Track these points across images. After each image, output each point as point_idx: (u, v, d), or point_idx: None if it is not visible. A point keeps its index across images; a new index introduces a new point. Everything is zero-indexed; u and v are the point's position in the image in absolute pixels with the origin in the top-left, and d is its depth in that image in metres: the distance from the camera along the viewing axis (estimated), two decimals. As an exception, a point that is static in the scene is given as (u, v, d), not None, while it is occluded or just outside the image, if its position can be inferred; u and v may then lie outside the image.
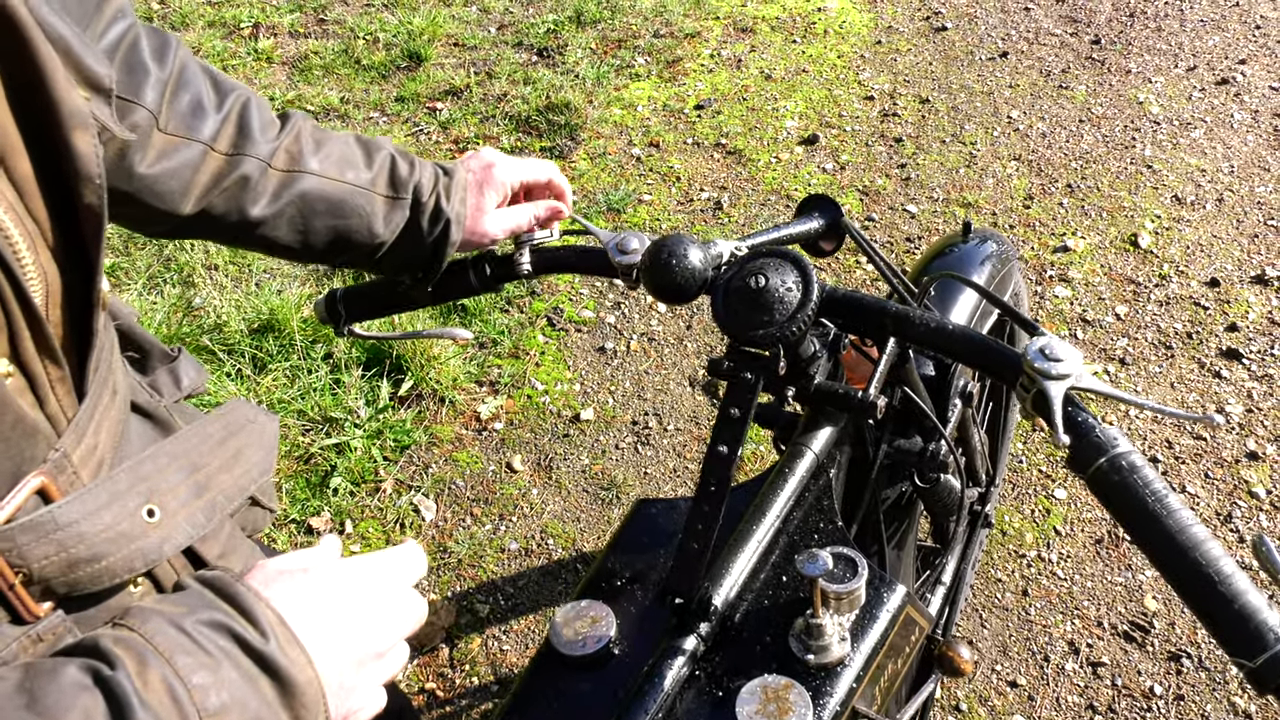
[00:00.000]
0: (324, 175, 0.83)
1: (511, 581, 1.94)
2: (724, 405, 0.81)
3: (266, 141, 0.80)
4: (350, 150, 0.86)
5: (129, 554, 0.54)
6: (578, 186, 2.99)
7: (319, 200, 0.82)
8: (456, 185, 0.90)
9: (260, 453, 0.67)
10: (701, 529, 0.80)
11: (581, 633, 0.83)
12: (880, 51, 3.58)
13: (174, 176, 0.73)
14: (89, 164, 0.51)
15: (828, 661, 0.77)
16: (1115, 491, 0.64)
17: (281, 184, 0.81)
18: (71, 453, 0.53)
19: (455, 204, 0.89)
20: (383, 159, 0.87)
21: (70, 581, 0.52)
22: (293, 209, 0.81)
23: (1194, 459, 2.08)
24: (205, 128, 0.75)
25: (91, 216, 0.52)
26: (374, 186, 0.86)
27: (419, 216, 0.88)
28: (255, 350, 2.34)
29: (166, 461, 0.59)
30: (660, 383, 2.35)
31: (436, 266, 0.92)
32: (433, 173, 0.90)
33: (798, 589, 0.83)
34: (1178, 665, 1.74)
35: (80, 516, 0.52)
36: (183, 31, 3.86)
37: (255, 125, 0.79)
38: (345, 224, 0.85)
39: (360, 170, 0.85)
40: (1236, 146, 2.97)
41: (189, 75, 0.76)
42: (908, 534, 1.24)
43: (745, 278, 0.80)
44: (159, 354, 0.73)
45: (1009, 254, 1.42)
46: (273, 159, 0.80)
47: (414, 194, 0.88)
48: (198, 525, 0.59)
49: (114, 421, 0.58)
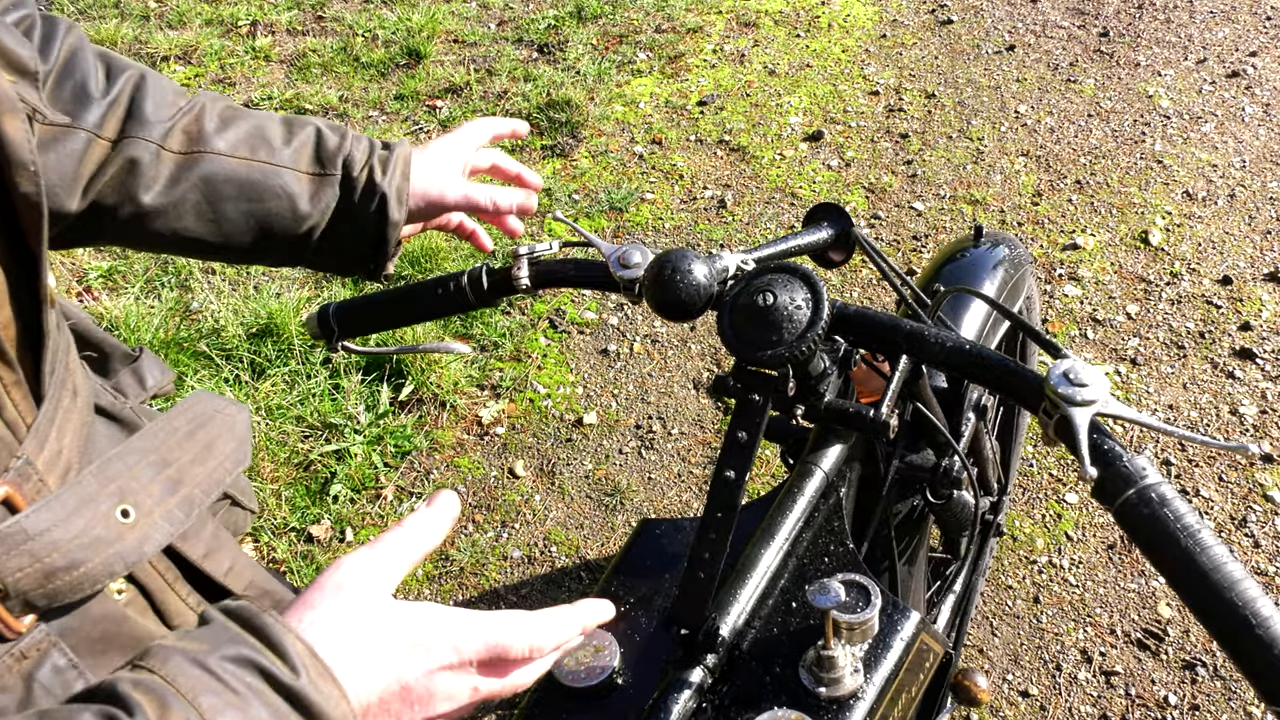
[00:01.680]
0: (231, 155, 0.75)
1: (514, 590, 1.91)
2: (731, 428, 0.78)
3: (160, 123, 0.72)
4: (266, 127, 0.78)
5: (108, 558, 0.51)
6: (579, 185, 2.95)
7: (226, 183, 0.74)
8: (396, 158, 0.81)
9: (232, 443, 0.64)
10: (709, 557, 0.77)
11: (584, 662, 0.80)
12: (885, 46, 3.53)
13: (55, 169, 0.67)
14: (22, 150, 0.47)
15: (840, 694, 0.74)
16: (1145, 525, 0.60)
17: (179, 167, 0.73)
18: (35, 459, 0.50)
19: (394, 176, 0.80)
20: (306, 134, 0.79)
21: (49, 592, 0.49)
22: (196, 194, 0.73)
23: (1208, 462, 2.04)
24: (89, 115, 0.69)
25: (29, 207, 0.49)
26: (295, 163, 0.77)
27: (351, 194, 0.79)
28: (253, 355, 2.31)
29: (135, 459, 0.56)
30: (664, 386, 2.31)
31: (384, 251, 0.83)
32: (368, 145, 0.81)
33: (808, 616, 0.80)
34: (1192, 674, 1.70)
35: (51, 524, 0.49)
36: (180, 30, 3.83)
37: (148, 106, 0.72)
38: (262, 207, 0.76)
39: (277, 148, 0.77)
40: (1248, 141, 2.92)
41: (76, 61, 0.70)
42: (919, 549, 1.20)
43: (752, 294, 0.77)
44: (120, 355, 0.70)
45: (1022, 258, 1.38)
46: (166, 140, 0.72)
47: (344, 168, 0.79)
48: (176, 522, 0.56)
49: (77, 424, 0.55)
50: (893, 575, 1.12)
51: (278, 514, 2.02)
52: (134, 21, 3.87)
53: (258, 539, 1.99)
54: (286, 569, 1.94)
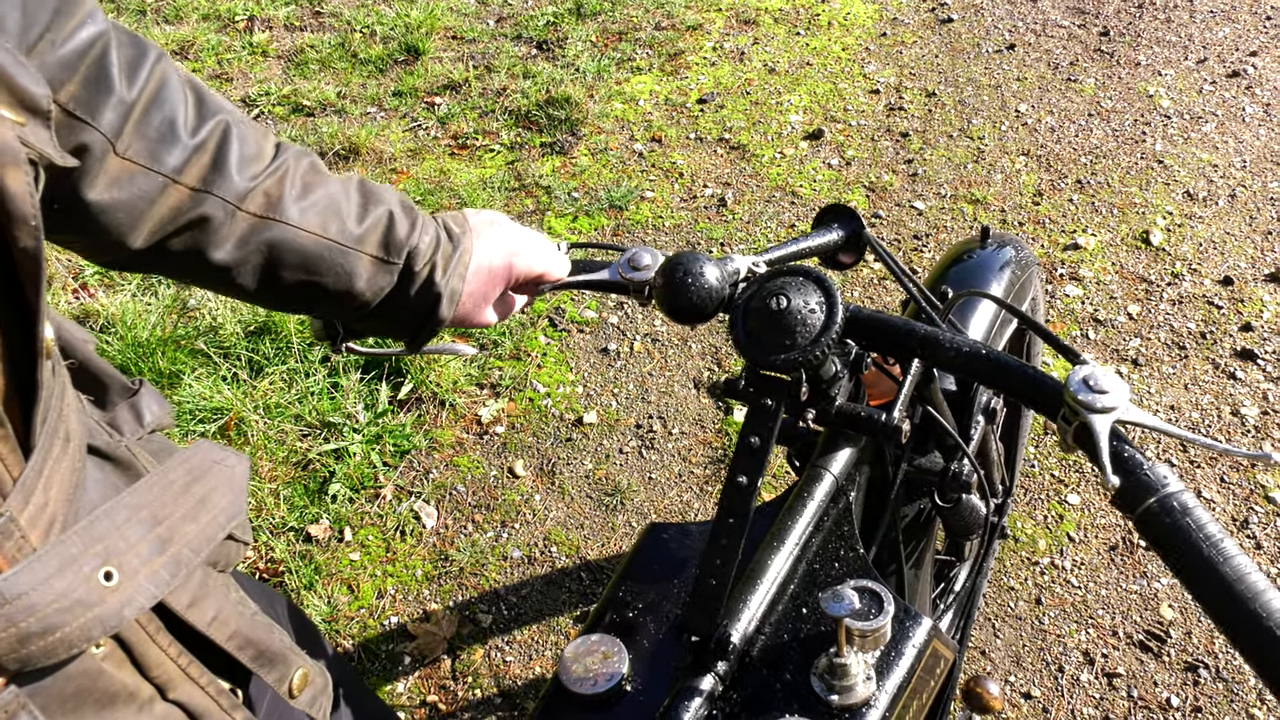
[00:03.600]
0: (301, 227, 0.73)
1: (514, 590, 1.91)
2: (743, 433, 0.77)
3: (244, 179, 0.70)
4: (343, 199, 0.77)
5: (86, 623, 0.49)
6: (579, 183, 2.94)
7: (290, 252, 0.73)
8: (459, 258, 0.81)
9: (228, 496, 0.62)
10: (720, 564, 0.76)
11: (592, 669, 0.79)
12: (885, 44, 3.52)
13: (124, 208, 0.65)
14: (22, 205, 0.45)
15: (852, 702, 0.73)
16: (1166, 534, 0.60)
17: (251, 230, 0.71)
18: (19, 515, 0.48)
19: (452, 279, 0.80)
20: (379, 214, 0.78)
21: (22, 658, 0.47)
22: (259, 258, 0.72)
23: (1209, 463, 2.04)
24: (171, 157, 0.67)
25: (27, 260, 0.47)
26: (362, 245, 0.76)
27: (408, 285, 0.79)
28: (251, 353, 2.30)
29: (125, 516, 0.54)
30: (664, 385, 2.30)
31: (419, 341, 0.84)
32: (434, 237, 0.80)
33: (819, 623, 0.79)
34: (1195, 676, 1.70)
35: (30, 587, 0.47)
36: (176, 25, 3.80)
37: (233, 159, 0.70)
38: (318, 280, 0.76)
39: (348, 224, 0.76)
40: (1249, 141, 2.92)
41: (166, 94, 0.67)
42: (925, 552, 1.20)
43: (765, 298, 0.76)
44: (119, 387, 0.67)
45: (1028, 260, 1.38)
46: (245, 201, 0.71)
47: (407, 259, 0.78)
48: (161, 584, 0.54)
49: (66, 473, 0.53)
50: (900, 578, 1.11)
51: (276, 513, 2.01)
52: (130, 16, 3.85)
53: (256, 539, 1.98)
54: (285, 569, 1.92)
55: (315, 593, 1.89)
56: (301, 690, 0.70)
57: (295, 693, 0.69)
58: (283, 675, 0.68)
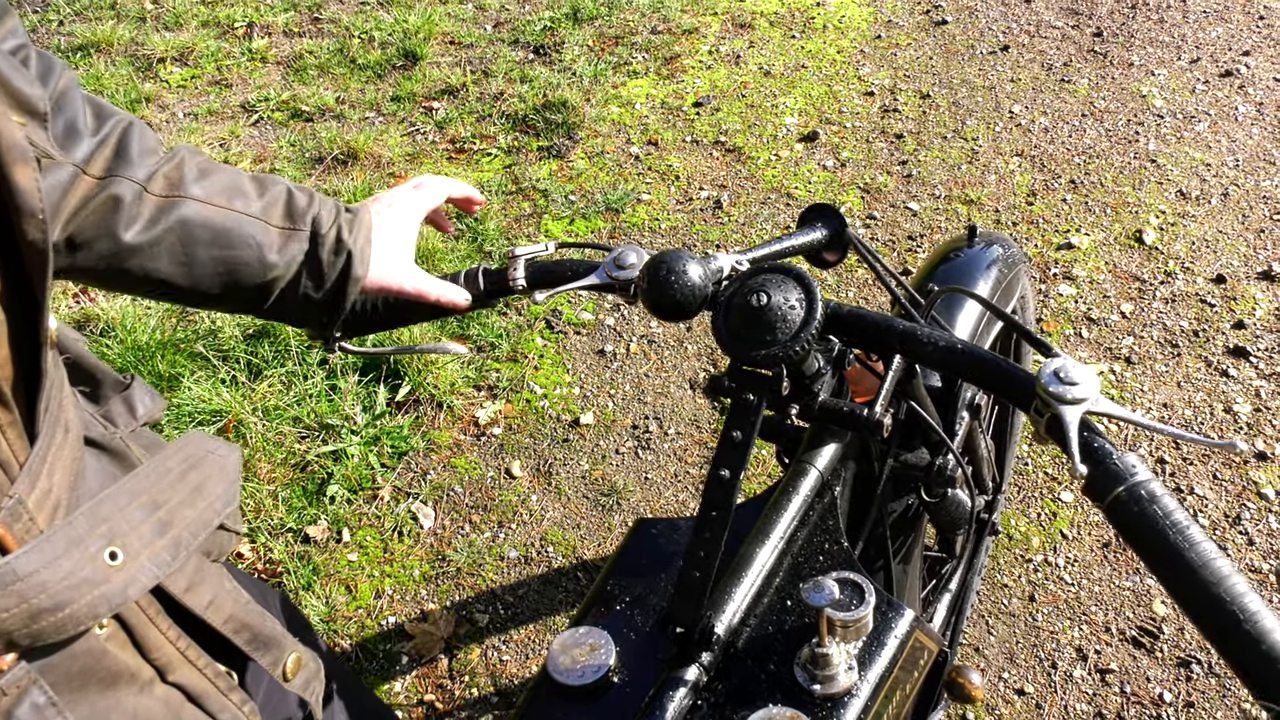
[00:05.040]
0: (208, 202, 0.78)
1: (511, 590, 1.92)
2: (726, 428, 0.79)
3: (144, 166, 0.75)
4: (239, 181, 0.81)
5: (92, 600, 0.52)
6: (575, 186, 2.96)
7: (201, 228, 0.77)
8: (360, 222, 0.86)
9: (222, 485, 0.65)
10: (704, 556, 0.77)
11: (580, 661, 0.80)
12: (880, 46, 3.54)
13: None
14: (31, 199, 0.48)
15: (834, 691, 0.74)
16: (1134, 522, 0.61)
17: (159, 209, 0.75)
18: (26, 498, 0.51)
19: (359, 238, 0.84)
20: (277, 191, 0.83)
21: (33, 633, 0.49)
22: (172, 236, 0.76)
23: (1202, 460, 2.05)
24: (78, 150, 0.71)
25: (35, 253, 0.50)
26: (266, 216, 0.81)
27: (318, 248, 0.83)
28: (250, 356, 2.31)
29: (126, 500, 0.56)
30: (660, 386, 2.32)
31: (340, 307, 0.87)
32: (334, 206, 0.86)
33: (802, 615, 0.80)
34: (1187, 671, 1.71)
35: (40, 565, 0.50)
36: (176, 31, 3.83)
37: (134, 150, 0.74)
38: (233, 254, 0.79)
39: (250, 199, 0.80)
40: (1241, 140, 2.93)
41: (67, 100, 0.72)
42: (914, 547, 1.21)
43: (746, 295, 0.78)
44: (111, 383, 0.70)
45: (1016, 258, 1.39)
46: (149, 183, 0.75)
47: (313, 225, 0.83)
48: (162, 564, 0.57)
49: (68, 461, 0.56)
50: (888, 574, 1.12)
51: (274, 514, 2.02)
52: (130, 23, 3.87)
53: (254, 540, 1.99)
54: (283, 569, 1.94)
55: (313, 593, 1.90)
56: (295, 674, 0.72)
57: (289, 676, 0.71)
58: (276, 659, 0.70)
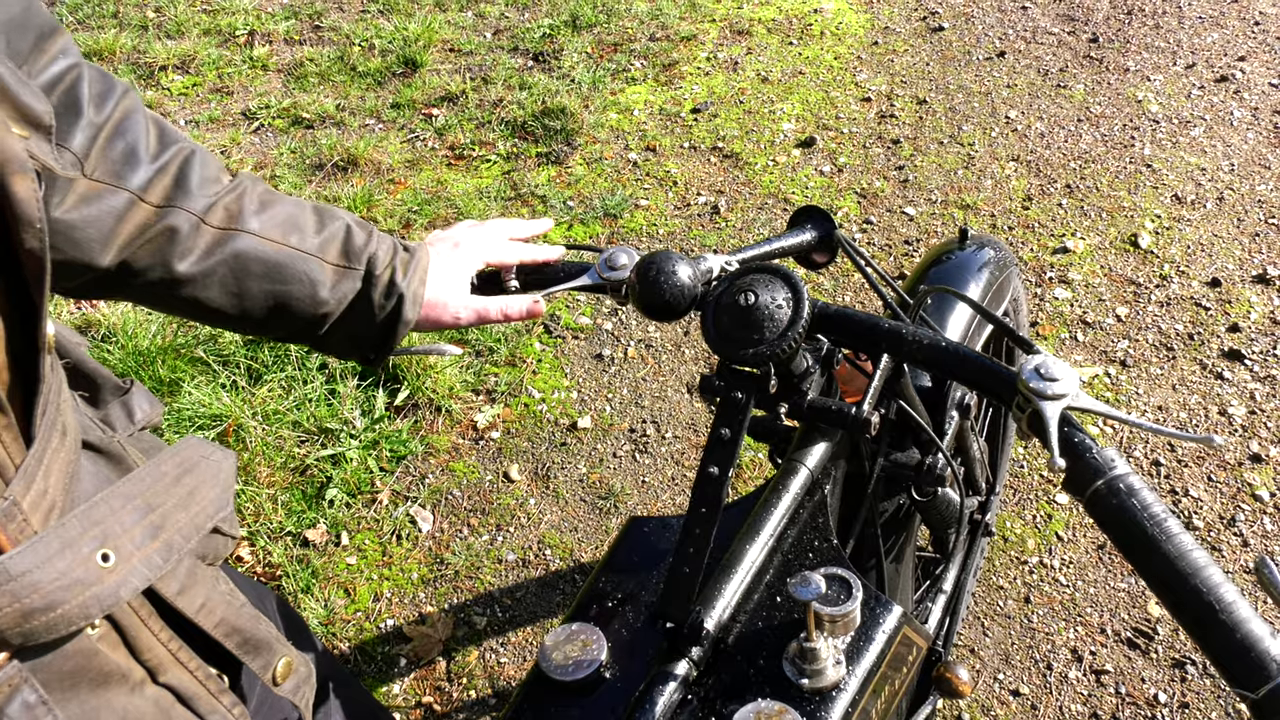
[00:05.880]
0: (263, 236, 0.78)
1: (509, 593, 1.93)
2: (715, 425, 0.80)
3: (204, 196, 0.75)
4: (300, 214, 0.82)
5: (84, 601, 0.52)
6: (574, 192, 2.97)
7: (255, 261, 0.78)
8: (416, 263, 0.86)
9: (216, 489, 0.65)
10: (693, 552, 0.78)
11: (571, 656, 0.81)
12: (877, 52, 3.56)
13: (94, 224, 0.69)
14: (29, 209, 0.49)
15: (822, 685, 0.75)
16: (1113, 515, 0.62)
17: (215, 241, 0.76)
18: (21, 500, 0.51)
19: (413, 282, 0.84)
20: (336, 227, 0.83)
21: (25, 632, 0.50)
22: (224, 269, 0.77)
23: (1196, 462, 2.06)
24: (136, 176, 0.72)
25: (33, 261, 0.51)
26: (323, 253, 0.81)
27: (370, 289, 0.83)
28: (250, 361, 2.33)
29: (120, 503, 0.57)
30: (658, 390, 2.33)
31: (388, 346, 0.87)
32: (391, 246, 0.85)
33: (792, 611, 0.81)
34: (1182, 672, 1.72)
35: (33, 566, 0.50)
36: (178, 39, 3.85)
37: (194, 179, 0.75)
38: (285, 289, 0.80)
39: (307, 235, 0.81)
40: (1236, 144, 2.95)
41: (130, 123, 0.73)
42: (906, 546, 1.22)
43: (734, 294, 0.79)
44: (111, 387, 0.71)
45: (1007, 260, 1.40)
46: (208, 214, 0.75)
47: (368, 265, 0.83)
48: (155, 567, 0.58)
49: (64, 463, 0.56)
50: (879, 574, 1.13)
51: (274, 518, 2.03)
52: (132, 31, 3.90)
53: (254, 543, 2.00)
54: (282, 572, 1.95)
55: (312, 596, 1.91)
56: (285, 678, 0.73)
57: (279, 680, 0.72)
58: (267, 663, 0.71)
